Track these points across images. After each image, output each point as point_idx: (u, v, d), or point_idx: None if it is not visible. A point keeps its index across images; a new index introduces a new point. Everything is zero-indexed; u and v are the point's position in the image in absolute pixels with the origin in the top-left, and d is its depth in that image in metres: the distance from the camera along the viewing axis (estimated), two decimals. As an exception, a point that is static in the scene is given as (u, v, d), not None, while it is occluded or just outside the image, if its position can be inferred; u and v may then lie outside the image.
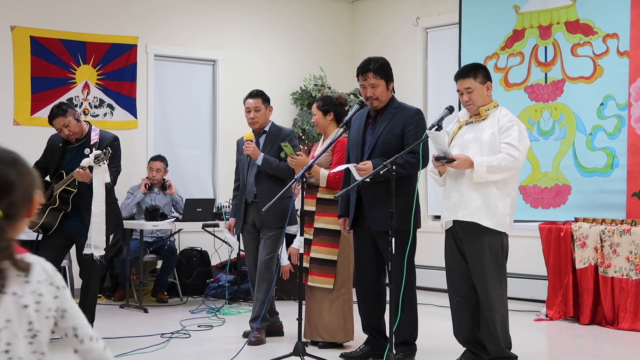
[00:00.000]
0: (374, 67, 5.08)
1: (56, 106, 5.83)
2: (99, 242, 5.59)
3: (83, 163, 5.53)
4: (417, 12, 9.22)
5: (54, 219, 5.71)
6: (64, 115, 5.70)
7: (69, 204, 5.69)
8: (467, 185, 4.69)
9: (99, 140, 5.76)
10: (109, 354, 2.00)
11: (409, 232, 4.90)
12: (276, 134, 5.97)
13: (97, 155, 5.50)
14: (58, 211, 5.72)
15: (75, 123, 5.75)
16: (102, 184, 5.56)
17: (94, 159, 5.49)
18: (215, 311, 7.16)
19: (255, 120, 5.93)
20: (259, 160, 5.79)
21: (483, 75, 4.82)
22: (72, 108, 5.87)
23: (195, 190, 8.81)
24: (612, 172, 7.22)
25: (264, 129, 5.99)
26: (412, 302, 5.06)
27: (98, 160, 5.49)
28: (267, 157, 5.81)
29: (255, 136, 5.94)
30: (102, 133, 5.85)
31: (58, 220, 5.71)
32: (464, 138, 4.81)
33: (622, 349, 5.89)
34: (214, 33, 9.04)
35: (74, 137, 5.78)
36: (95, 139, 5.76)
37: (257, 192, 5.85)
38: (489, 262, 4.66)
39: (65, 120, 5.70)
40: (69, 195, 5.70)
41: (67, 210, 5.70)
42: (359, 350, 5.26)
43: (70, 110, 5.78)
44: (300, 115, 9.37)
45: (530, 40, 7.88)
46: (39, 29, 8.01)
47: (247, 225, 5.98)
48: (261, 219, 5.80)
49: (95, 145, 5.70)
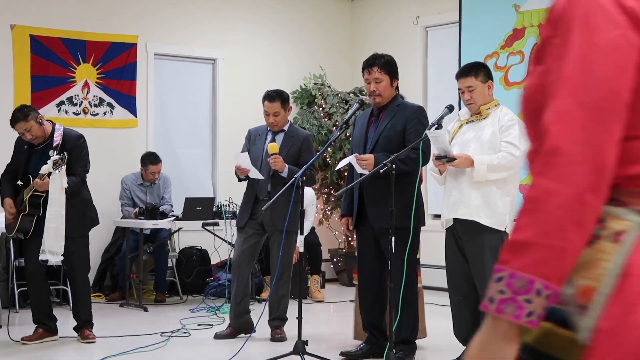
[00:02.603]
0: (380, 62, 5.08)
1: (17, 109, 5.74)
2: (55, 248, 5.51)
3: (42, 171, 5.47)
4: (417, 10, 9.22)
5: (28, 224, 5.68)
6: (25, 119, 5.63)
7: (40, 208, 5.64)
8: (467, 183, 4.69)
9: (63, 141, 5.68)
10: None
11: (409, 230, 4.90)
12: (295, 135, 5.94)
13: (55, 160, 5.42)
14: (31, 216, 5.69)
15: (38, 127, 5.66)
16: (59, 189, 5.47)
17: (52, 165, 5.42)
18: (215, 310, 7.16)
19: (274, 124, 5.88)
20: (284, 173, 5.71)
21: (484, 74, 4.82)
22: (35, 111, 5.76)
23: (195, 189, 8.80)
24: (612, 171, 7.22)
25: (282, 128, 5.96)
26: (412, 300, 5.06)
27: (57, 166, 5.42)
28: (291, 167, 5.71)
29: (272, 134, 5.93)
30: (66, 133, 5.76)
31: (33, 224, 5.68)
32: (465, 137, 4.81)
33: (622, 348, 5.88)
34: (214, 32, 9.04)
35: (37, 140, 5.72)
36: (58, 140, 5.67)
37: (270, 190, 5.73)
38: (489, 261, 4.65)
39: (27, 125, 5.63)
40: (38, 200, 5.64)
41: (38, 214, 5.64)
42: (359, 349, 5.26)
43: (33, 113, 5.69)
44: (300, 114, 9.36)
45: (531, 39, 7.88)
46: (38, 28, 8.01)
47: (253, 222, 5.88)
48: (274, 223, 5.74)
49: (57, 147, 5.63)
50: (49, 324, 5.81)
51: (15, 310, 6.85)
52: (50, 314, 5.85)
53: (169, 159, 8.26)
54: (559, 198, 1.21)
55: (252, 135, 6.08)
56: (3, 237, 7.15)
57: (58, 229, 5.50)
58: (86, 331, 5.79)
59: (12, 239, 5.86)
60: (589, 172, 1.21)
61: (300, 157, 5.83)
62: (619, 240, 1.25)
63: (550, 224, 1.22)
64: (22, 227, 5.69)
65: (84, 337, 5.77)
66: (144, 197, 7.95)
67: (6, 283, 7.12)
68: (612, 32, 1.24)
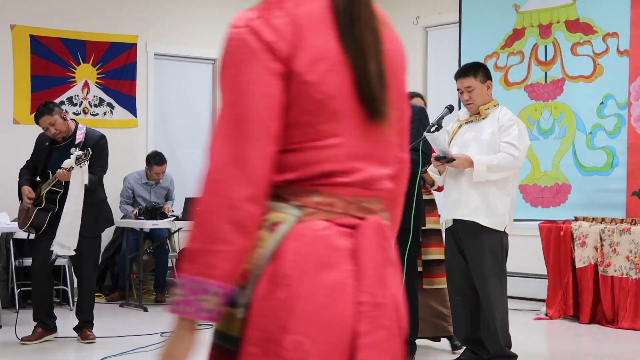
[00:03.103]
0: None
1: (43, 104, 5.82)
2: (68, 242, 5.54)
3: (64, 164, 5.51)
4: (417, 10, 9.22)
5: (42, 219, 5.71)
6: (50, 113, 5.69)
7: (56, 204, 5.67)
8: (467, 184, 4.69)
9: (85, 139, 5.73)
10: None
11: (409, 231, 4.90)
12: None
13: (79, 156, 5.46)
14: (46, 211, 5.71)
15: (62, 122, 5.73)
16: (78, 185, 5.51)
17: (75, 160, 5.46)
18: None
19: None
20: None
21: (483, 74, 4.82)
22: (59, 107, 5.87)
23: (195, 189, 8.78)
24: (612, 171, 7.22)
25: None
26: (412, 301, 5.06)
27: (79, 162, 5.46)
28: None
29: None
30: (88, 132, 5.82)
31: (47, 220, 5.70)
32: (464, 137, 4.81)
33: (621, 347, 5.89)
34: (213, 32, 9.01)
35: (60, 135, 5.77)
36: (81, 138, 5.73)
37: None
38: (488, 261, 4.66)
39: (51, 119, 5.69)
40: (55, 196, 5.68)
41: (54, 210, 5.68)
42: (358, 349, 5.25)
43: (57, 108, 5.78)
44: (300, 114, 9.37)
45: (530, 39, 7.88)
46: (38, 28, 8.01)
47: None
48: None
49: (80, 144, 5.68)
50: (48, 322, 5.82)
51: (15, 310, 6.86)
52: (51, 313, 5.86)
53: (169, 159, 8.26)
54: (218, 209, 1.44)
55: None
56: (3, 237, 7.16)
57: (72, 224, 5.55)
58: (86, 331, 5.80)
59: (26, 232, 5.86)
60: (240, 184, 1.44)
61: None
62: (274, 230, 1.47)
63: (213, 232, 1.44)
64: (36, 222, 5.71)
65: (84, 337, 5.78)
66: (148, 196, 7.96)
67: (6, 283, 7.13)
68: (255, 65, 1.47)
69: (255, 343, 1.44)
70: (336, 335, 1.44)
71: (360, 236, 1.51)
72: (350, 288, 1.46)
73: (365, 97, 1.51)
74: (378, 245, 1.52)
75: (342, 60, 1.50)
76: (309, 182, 1.50)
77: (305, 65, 1.48)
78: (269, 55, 1.47)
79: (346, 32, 1.51)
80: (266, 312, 1.44)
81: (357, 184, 1.53)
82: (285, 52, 1.47)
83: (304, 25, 1.49)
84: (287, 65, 1.48)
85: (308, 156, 1.50)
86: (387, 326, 1.50)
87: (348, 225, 1.51)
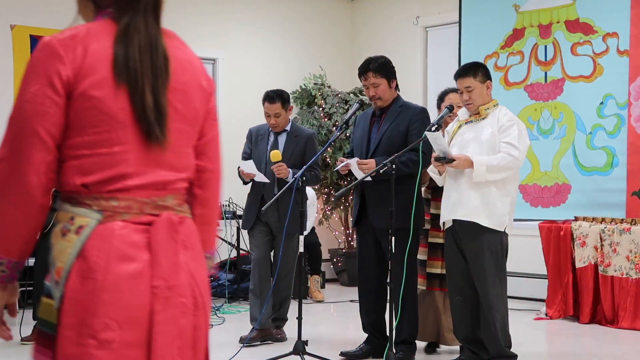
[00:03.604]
0: (374, 67, 5.08)
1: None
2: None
3: None
4: (417, 11, 9.22)
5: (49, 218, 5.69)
6: None
7: None
8: (467, 184, 4.69)
9: None
10: None
11: (409, 231, 4.90)
12: (298, 134, 5.89)
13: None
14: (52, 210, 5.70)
15: None
16: None
17: None
18: (215, 310, 7.16)
19: (276, 125, 5.84)
20: (289, 179, 5.60)
21: (483, 74, 4.82)
22: None
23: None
24: (612, 171, 7.22)
25: (285, 128, 5.91)
26: (412, 301, 5.06)
27: None
28: (295, 172, 5.63)
29: (274, 134, 5.90)
30: None
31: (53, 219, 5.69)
32: (464, 137, 4.81)
33: (621, 347, 5.89)
34: (213, 32, 9.04)
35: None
36: None
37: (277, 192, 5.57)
38: (488, 262, 4.66)
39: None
40: None
41: None
42: (358, 349, 5.26)
43: None
44: (300, 115, 9.37)
45: (530, 39, 7.88)
46: (38, 28, 8.01)
47: (261, 224, 5.85)
48: (283, 224, 5.67)
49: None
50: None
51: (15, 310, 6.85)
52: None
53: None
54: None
55: (253, 135, 6.01)
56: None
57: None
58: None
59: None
60: (8, 187, 1.82)
61: (305, 155, 5.79)
62: (80, 232, 1.80)
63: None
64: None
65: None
66: None
67: (6, 283, 7.13)
68: (36, 86, 1.74)
69: (70, 327, 1.72)
70: (137, 314, 1.74)
71: (154, 231, 1.79)
72: (147, 275, 1.76)
73: (143, 125, 1.79)
74: (169, 237, 1.80)
75: (122, 89, 1.78)
76: (108, 186, 1.79)
77: (91, 86, 1.77)
78: (48, 80, 1.78)
79: (121, 68, 1.79)
80: (77, 302, 1.72)
81: (149, 186, 1.82)
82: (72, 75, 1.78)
83: (93, 56, 1.81)
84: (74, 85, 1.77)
85: (102, 161, 1.78)
86: (180, 304, 1.79)
87: (144, 222, 1.79)
